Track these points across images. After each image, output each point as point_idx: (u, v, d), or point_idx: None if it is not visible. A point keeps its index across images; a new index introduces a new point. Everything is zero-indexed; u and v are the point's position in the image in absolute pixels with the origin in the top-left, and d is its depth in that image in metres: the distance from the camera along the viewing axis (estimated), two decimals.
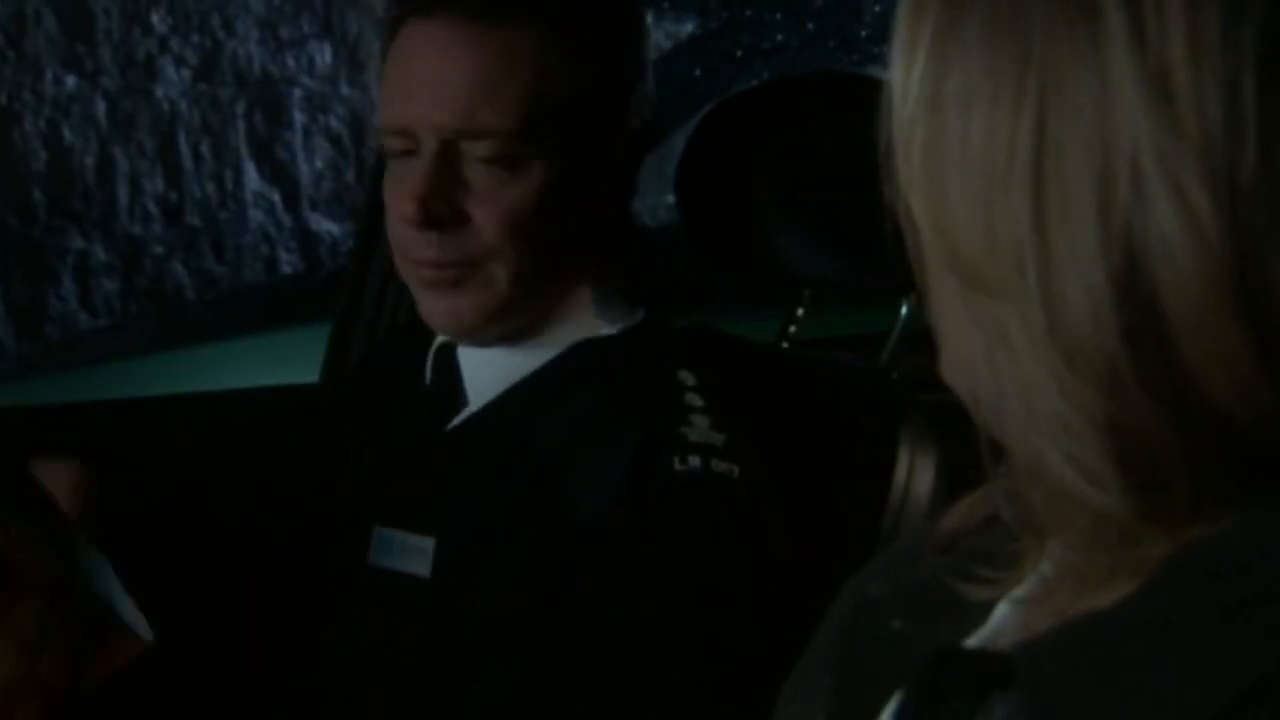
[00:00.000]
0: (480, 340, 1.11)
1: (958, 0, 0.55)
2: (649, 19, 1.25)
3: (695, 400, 1.07)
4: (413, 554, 1.07)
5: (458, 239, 1.07)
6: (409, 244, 1.08)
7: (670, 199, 1.83)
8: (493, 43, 1.06)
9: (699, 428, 1.05)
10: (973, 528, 0.68)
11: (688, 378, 1.08)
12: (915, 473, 1.14)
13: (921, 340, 0.70)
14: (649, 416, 1.05)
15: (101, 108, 2.93)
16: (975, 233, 0.54)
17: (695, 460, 1.03)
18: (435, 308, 1.09)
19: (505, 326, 1.09)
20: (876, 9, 2.69)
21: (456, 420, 1.11)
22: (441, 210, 1.06)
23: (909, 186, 0.57)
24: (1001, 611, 0.64)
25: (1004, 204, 0.53)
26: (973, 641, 0.63)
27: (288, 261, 3.39)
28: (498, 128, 1.05)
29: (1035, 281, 0.52)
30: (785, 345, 1.33)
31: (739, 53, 2.36)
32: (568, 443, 1.05)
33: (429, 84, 1.07)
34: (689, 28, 3.18)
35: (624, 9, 1.13)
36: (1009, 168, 0.52)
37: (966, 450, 0.66)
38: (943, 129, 0.55)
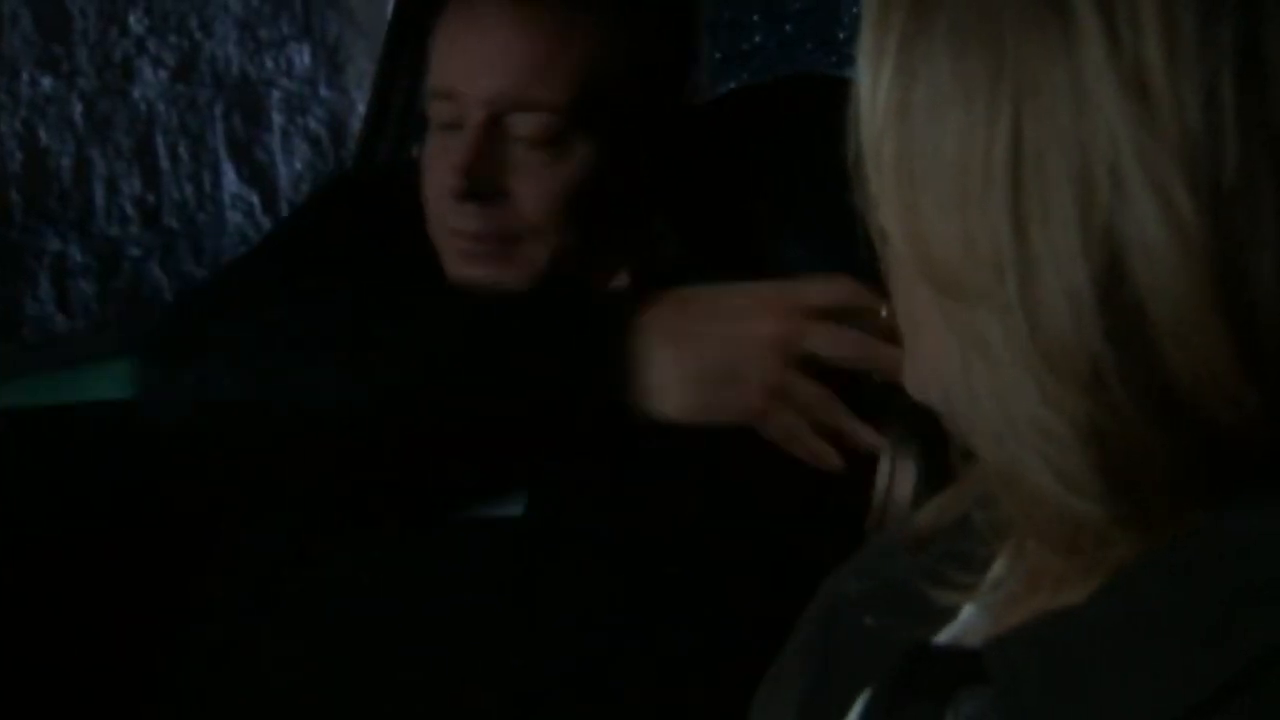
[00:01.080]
0: None
1: (923, 7, 0.55)
2: None
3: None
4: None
5: (498, 212, 1.06)
6: (447, 214, 1.08)
7: None
8: (552, 17, 1.05)
9: None
10: (946, 527, 0.68)
11: None
12: (897, 475, 1.14)
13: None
14: None
15: (78, 109, 2.91)
16: (951, 240, 0.53)
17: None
18: (469, 278, 1.09)
19: None
20: (855, 11, 2.70)
21: None
22: (483, 183, 1.05)
23: (880, 196, 0.57)
24: (971, 610, 0.64)
25: (981, 211, 0.53)
26: (943, 639, 0.63)
27: None
28: (548, 102, 1.04)
29: (1015, 286, 0.52)
30: None
31: (718, 55, 2.36)
32: None
33: (483, 52, 1.06)
34: None
35: None
36: (985, 175, 0.52)
37: (948, 453, 0.66)
38: (912, 138, 0.55)
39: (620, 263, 1.12)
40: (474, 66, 1.05)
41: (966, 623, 0.64)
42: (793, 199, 1.18)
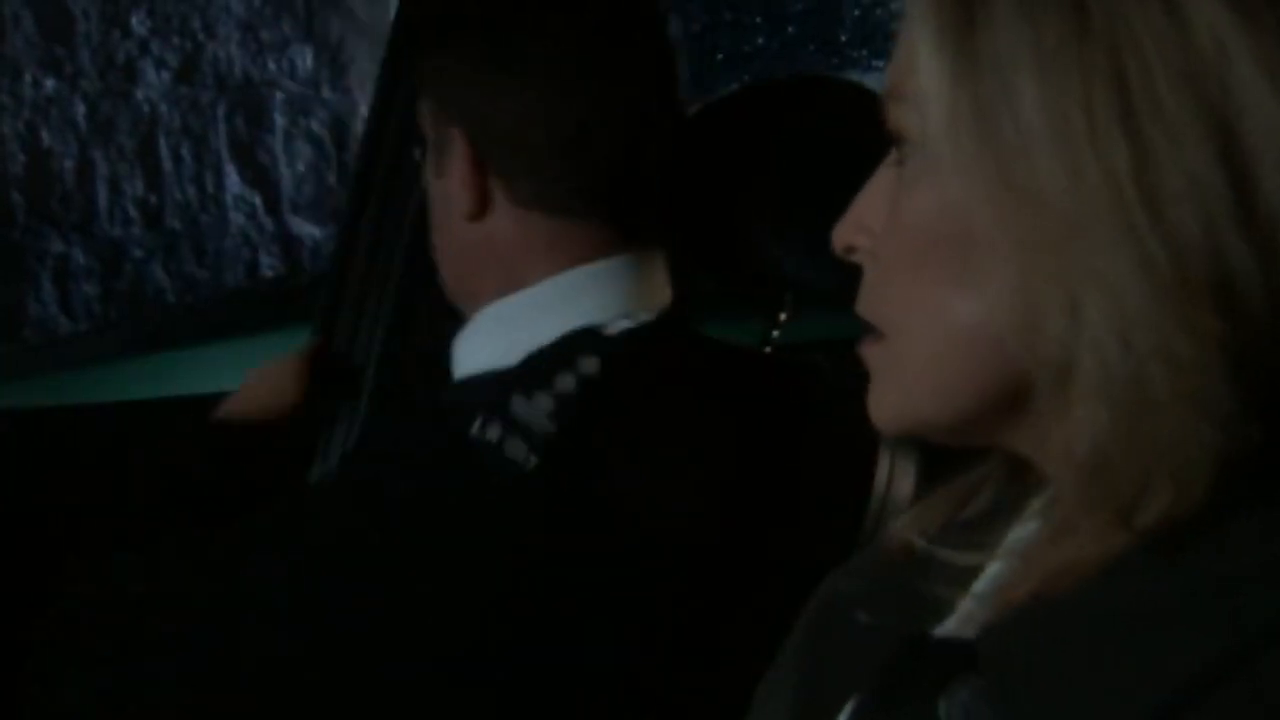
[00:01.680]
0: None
1: None
2: None
3: (567, 385, 1.00)
4: None
5: None
6: None
7: None
8: None
9: (535, 407, 0.99)
10: (931, 534, 0.69)
11: (589, 365, 1.02)
12: (896, 477, 1.14)
13: None
14: (503, 377, 1.00)
15: (81, 110, 2.92)
16: (1059, 182, 0.53)
17: (495, 432, 0.96)
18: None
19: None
20: (856, 13, 2.70)
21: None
22: None
23: (956, 166, 0.56)
24: (967, 604, 0.65)
25: (1091, 144, 0.52)
26: (940, 632, 0.64)
27: (269, 265, 3.38)
28: None
29: (1141, 212, 0.52)
30: (767, 349, 1.33)
31: (719, 56, 2.36)
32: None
33: None
34: (673, 31, 3.19)
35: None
36: (1089, 108, 0.52)
37: (947, 453, 0.66)
38: (996, 92, 0.54)
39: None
40: None
41: (963, 616, 0.64)
42: (793, 200, 1.19)
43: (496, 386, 1.00)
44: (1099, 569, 0.56)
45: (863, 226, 0.64)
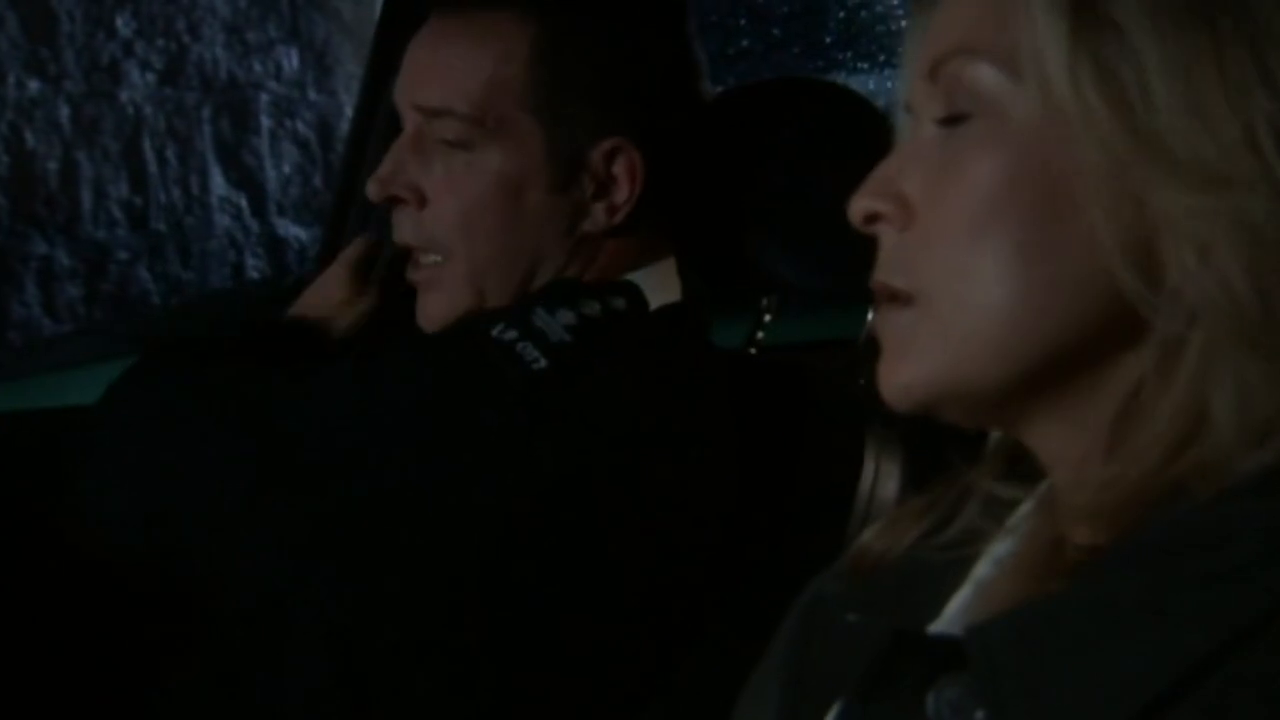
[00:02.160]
0: None
1: None
2: None
3: (593, 309, 1.07)
4: None
5: (419, 219, 1.09)
6: (394, 222, 1.12)
7: None
8: (466, 28, 1.08)
9: (555, 319, 1.05)
10: (895, 556, 0.69)
11: (618, 302, 1.08)
12: (881, 478, 1.15)
13: None
14: (532, 296, 1.07)
15: (65, 112, 2.91)
16: (1195, 134, 0.56)
17: (512, 334, 1.03)
18: (418, 307, 1.12)
19: None
20: (841, 15, 2.71)
21: None
22: (401, 190, 1.09)
23: (1083, 120, 0.57)
24: (956, 602, 0.65)
25: (1228, 100, 0.56)
26: (929, 630, 0.64)
27: (255, 267, 3.37)
28: (454, 108, 1.06)
29: (1278, 157, 0.54)
30: (752, 351, 1.34)
31: (704, 58, 2.36)
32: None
33: (410, 66, 1.11)
34: None
35: (642, 21, 1.12)
36: (1223, 67, 0.56)
37: (932, 455, 0.66)
38: (1120, 49, 0.57)
39: (553, 271, 1.11)
40: (405, 81, 1.10)
41: (952, 615, 0.65)
42: (779, 202, 1.19)
43: (524, 301, 1.06)
44: (1087, 566, 0.57)
45: (892, 194, 0.63)
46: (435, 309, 1.10)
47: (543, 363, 1.01)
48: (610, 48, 1.09)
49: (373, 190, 1.10)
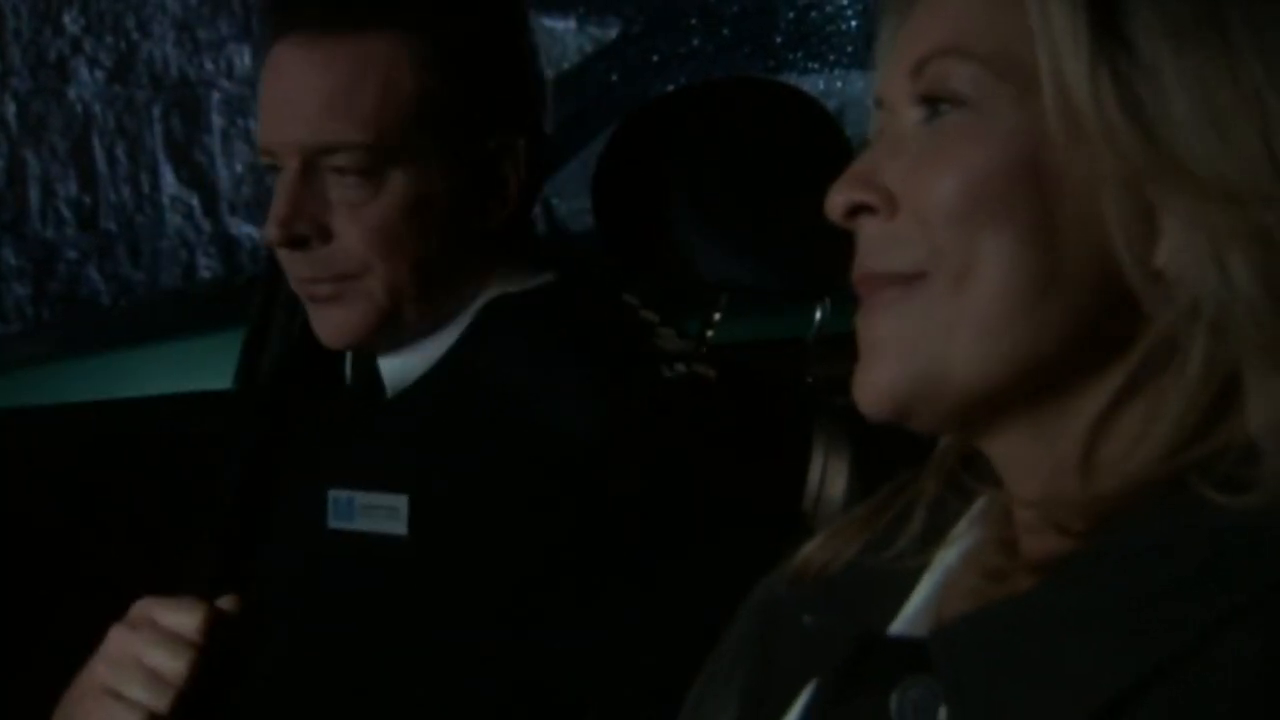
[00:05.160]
0: (375, 349, 1.11)
1: None
2: (572, 23, 1.25)
3: (650, 315, 1.09)
4: (383, 513, 1.05)
5: (325, 256, 1.06)
6: (284, 262, 1.09)
7: None
8: (344, 53, 1.05)
9: (668, 338, 1.07)
10: (840, 564, 0.69)
11: (632, 299, 1.11)
12: (829, 477, 1.15)
13: (837, 345, 0.70)
14: (614, 336, 1.07)
15: (12, 109, 2.88)
16: (1211, 151, 0.57)
17: (680, 367, 1.05)
18: (319, 322, 1.10)
19: (397, 334, 1.08)
20: (791, 16, 2.71)
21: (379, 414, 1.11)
22: (304, 229, 1.06)
23: (1104, 135, 0.58)
24: (916, 603, 0.66)
25: (1242, 113, 0.57)
26: (892, 630, 0.65)
27: (207, 266, 3.35)
28: (350, 140, 1.04)
29: None
30: (702, 350, 1.34)
31: (655, 57, 2.36)
32: (518, 384, 1.05)
33: (285, 102, 1.07)
34: (613, 32, 3.18)
35: (500, 14, 1.12)
36: (1237, 81, 0.57)
37: (880, 454, 0.67)
38: (1137, 68, 0.58)
39: (469, 285, 1.11)
40: (280, 119, 1.07)
41: (910, 617, 0.65)
42: (729, 201, 1.19)
43: None
44: (1048, 571, 0.57)
45: (875, 184, 0.63)
46: (345, 322, 1.08)
47: None
48: (483, 47, 1.09)
49: (273, 234, 1.06)
